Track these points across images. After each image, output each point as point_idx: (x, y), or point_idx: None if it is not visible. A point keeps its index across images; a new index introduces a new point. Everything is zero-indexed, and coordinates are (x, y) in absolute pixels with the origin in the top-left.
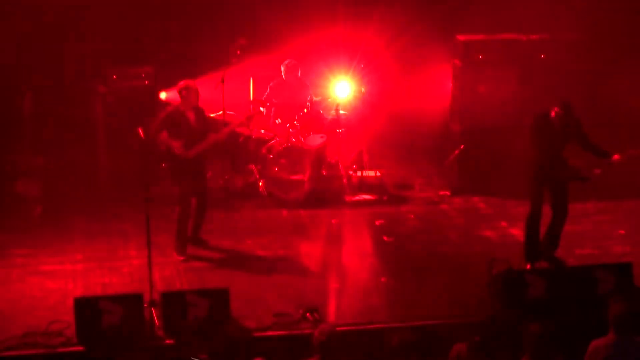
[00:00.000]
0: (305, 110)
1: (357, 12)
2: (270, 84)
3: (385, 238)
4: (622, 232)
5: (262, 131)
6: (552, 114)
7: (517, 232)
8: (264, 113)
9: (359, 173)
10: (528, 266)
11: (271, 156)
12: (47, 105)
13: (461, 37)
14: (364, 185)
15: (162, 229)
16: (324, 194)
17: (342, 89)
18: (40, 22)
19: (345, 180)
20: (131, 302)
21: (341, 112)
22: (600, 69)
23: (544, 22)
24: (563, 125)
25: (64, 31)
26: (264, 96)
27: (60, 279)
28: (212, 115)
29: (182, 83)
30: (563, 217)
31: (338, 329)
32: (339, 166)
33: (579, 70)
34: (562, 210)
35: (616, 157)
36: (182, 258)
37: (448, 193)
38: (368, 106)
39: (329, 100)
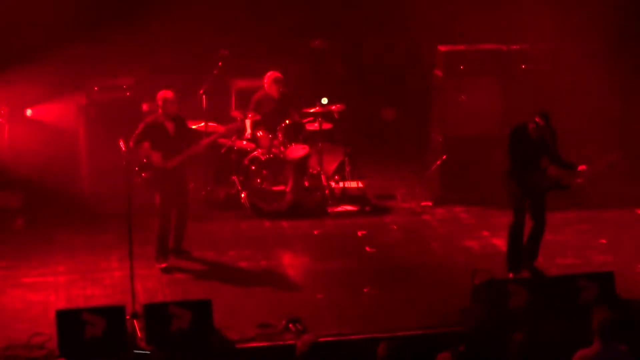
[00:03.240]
0: (288, 121)
1: (339, 23)
2: (253, 96)
3: (367, 249)
4: (604, 241)
5: (244, 142)
6: (531, 125)
7: (500, 242)
8: (247, 125)
9: (341, 184)
10: (510, 276)
11: (253, 167)
12: (29, 116)
13: (442, 48)
14: (346, 196)
15: (145, 241)
16: (306, 205)
17: (324, 100)
18: (21, 32)
19: (327, 191)
20: (113, 314)
21: (323, 123)
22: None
23: (524, 32)
24: (541, 137)
25: (45, 42)
26: (247, 108)
27: (42, 291)
28: (193, 126)
29: (160, 93)
30: (542, 226)
31: (321, 339)
32: (321, 177)
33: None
34: (541, 220)
35: (582, 167)
36: (163, 265)
37: (430, 203)
38: (350, 117)
39: (312, 111)
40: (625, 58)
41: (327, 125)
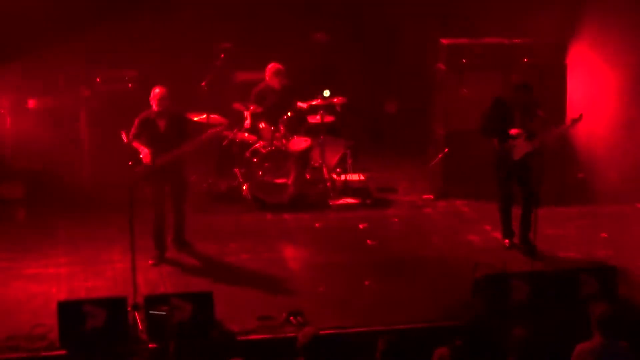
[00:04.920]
0: (290, 113)
1: (341, 15)
2: (255, 88)
3: (369, 242)
4: (605, 235)
5: (246, 134)
6: (511, 92)
7: (501, 236)
8: (248, 116)
9: (343, 177)
10: (506, 242)
11: (255, 160)
12: (31, 108)
13: (445, 41)
14: (348, 189)
15: (146, 233)
16: (308, 198)
17: (326, 93)
18: (23, 23)
19: (329, 184)
20: (115, 305)
21: (325, 115)
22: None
23: (527, 26)
24: (522, 106)
25: (48, 33)
26: (249, 100)
27: (43, 282)
28: (195, 118)
29: (152, 90)
30: (530, 200)
31: (322, 332)
32: (322, 170)
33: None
34: (529, 193)
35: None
36: (150, 262)
37: (432, 197)
38: (352, 110)
39: (313, 103)
40: (628, 49)
41: (329, 118)
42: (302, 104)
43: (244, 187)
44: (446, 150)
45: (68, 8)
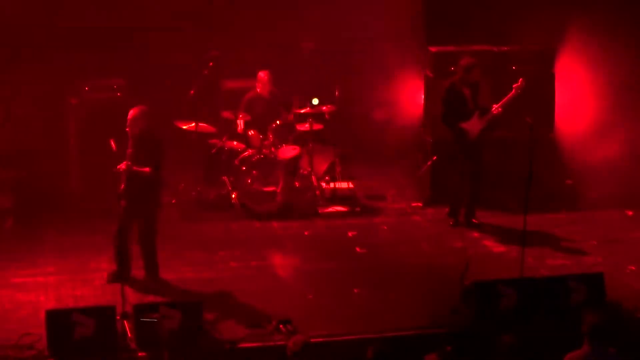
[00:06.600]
0: (278, 121)
1: (329, 22)
2: (244, 96)
3: (358, 249)
4: (594, 242)
5: (235, 143)
6: (456, 77)
7: (490, 243)
8: (239, 124)
9: (331, 184)
10: (451, 221)
11: (244, 168)
12: (19, 116)
13: (433, 49)
14: (336, 197)
15: (134, 242)
16: (297, 206)
17: (314, 101)
18: (11, 31)
19: (318, 192)
20: (103, 314)
21: (314, 123)
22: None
23: (514, 33)
24: (470, 85)
25: (36, 41)
26: (238, 108)
27: (31, 291)
28: (184, 127)
29: (130, 110)
30: (478, 176)
31: (311, 340)
32: (311, 178)
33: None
34: (478, 170)
35: (495, 106)
36: (105, 278)
37: (420, 204)
38: (341, 118)
39: (302, 111)
40: (615, 57)
41: (317, 126)
42: (289, 115)
43: (233, 195)
44: (434, 157)
45: (56, 16)
